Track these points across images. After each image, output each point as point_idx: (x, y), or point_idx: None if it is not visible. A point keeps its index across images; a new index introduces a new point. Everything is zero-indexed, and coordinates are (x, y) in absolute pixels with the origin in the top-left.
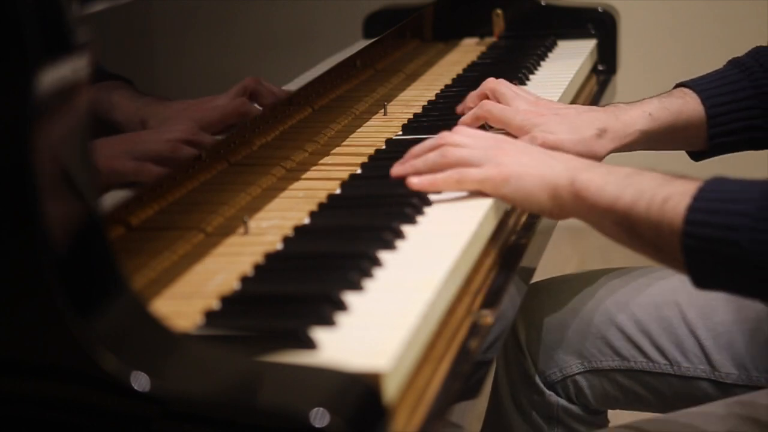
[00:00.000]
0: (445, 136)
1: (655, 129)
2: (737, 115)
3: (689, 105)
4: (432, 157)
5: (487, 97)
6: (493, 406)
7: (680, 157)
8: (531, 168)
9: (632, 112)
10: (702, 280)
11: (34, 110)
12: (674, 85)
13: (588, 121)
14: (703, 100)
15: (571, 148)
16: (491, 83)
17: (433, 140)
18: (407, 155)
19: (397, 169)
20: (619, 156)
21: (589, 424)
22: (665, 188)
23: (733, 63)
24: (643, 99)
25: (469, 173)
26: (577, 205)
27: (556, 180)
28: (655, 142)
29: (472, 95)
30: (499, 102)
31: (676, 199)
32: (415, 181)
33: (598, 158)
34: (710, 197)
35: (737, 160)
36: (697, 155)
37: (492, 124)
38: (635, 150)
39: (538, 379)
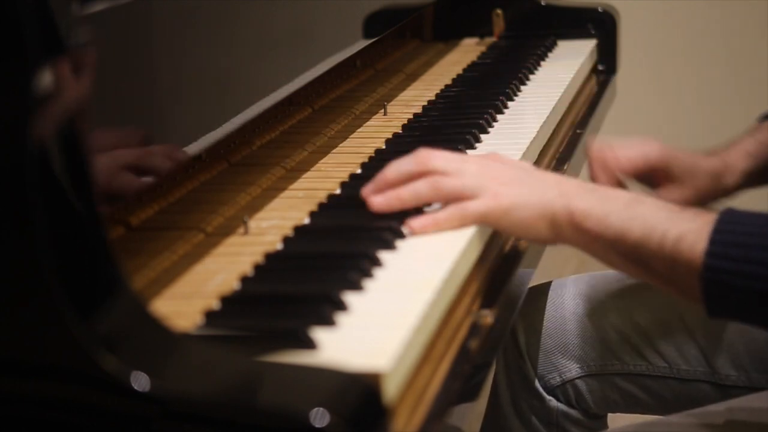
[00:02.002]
0: (424, 159)
1: (756, 167)
2: None
3: None
4: (422, 189)
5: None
6: (492, 410)
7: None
8: (528, 196)
9: (733, 154)
10: (717, 314)
11: (33, 110)
12: (759, 118)
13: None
14: None
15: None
16: None
17: (411, 164)
18: (379, 179)
19: (378, 201)
20: None
21: (589, 428)
22: (676, 224)
23: None
24: (734, 141)
25: (469, 209)
26: (578, 236)
27: (553, 208)
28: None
29: None
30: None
31: (690, 239)
32: (416, 225)
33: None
34: (726, 241)
35: None
36: None
37: None
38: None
39: (537, 384)
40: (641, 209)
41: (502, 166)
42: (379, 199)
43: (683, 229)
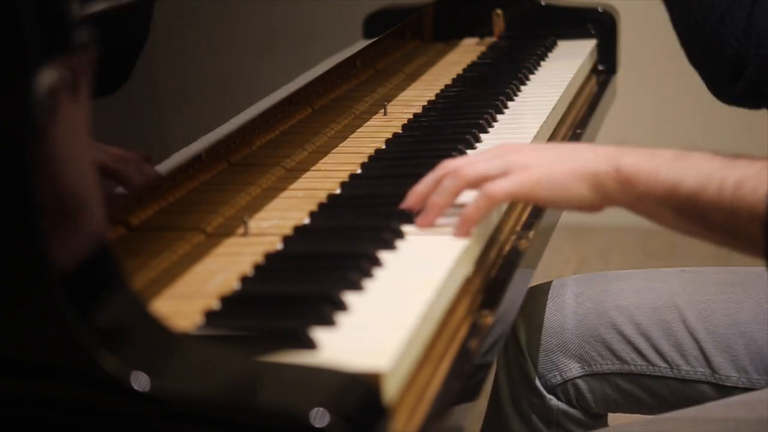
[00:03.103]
0: (446, 163)
1: None
2: None
3: None
4: (448, 184)
5: None
6: (493, 409)
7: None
8: (561, 163)
9: None
10: None
11: (34, 110)
12: None
13: None
14: None
15: None
16: None
17: (435, 171)
18: (410, 194)
19: (420, 221)
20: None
21: (589, 428)
22: (732, 171)
23: None
24: None
25: (497, 187)
26: (626, 193)
27: (595, 168)
28: None
29: None
30: None
31: (751, 184)
32: (456, 232)
33: None
34: None
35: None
36: None
37: None
38: None
39: (538, 383)
40: (692, 161)
41: (527, 144)
42: (420, 219)
43: (741, 174)
